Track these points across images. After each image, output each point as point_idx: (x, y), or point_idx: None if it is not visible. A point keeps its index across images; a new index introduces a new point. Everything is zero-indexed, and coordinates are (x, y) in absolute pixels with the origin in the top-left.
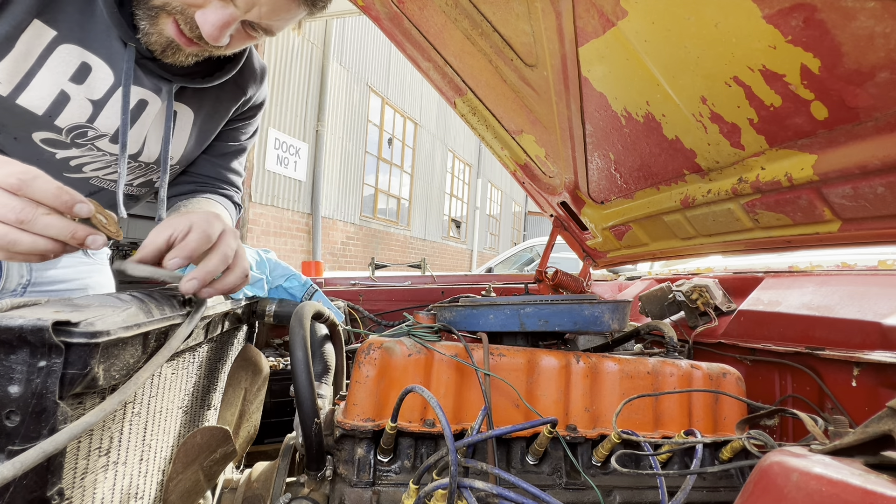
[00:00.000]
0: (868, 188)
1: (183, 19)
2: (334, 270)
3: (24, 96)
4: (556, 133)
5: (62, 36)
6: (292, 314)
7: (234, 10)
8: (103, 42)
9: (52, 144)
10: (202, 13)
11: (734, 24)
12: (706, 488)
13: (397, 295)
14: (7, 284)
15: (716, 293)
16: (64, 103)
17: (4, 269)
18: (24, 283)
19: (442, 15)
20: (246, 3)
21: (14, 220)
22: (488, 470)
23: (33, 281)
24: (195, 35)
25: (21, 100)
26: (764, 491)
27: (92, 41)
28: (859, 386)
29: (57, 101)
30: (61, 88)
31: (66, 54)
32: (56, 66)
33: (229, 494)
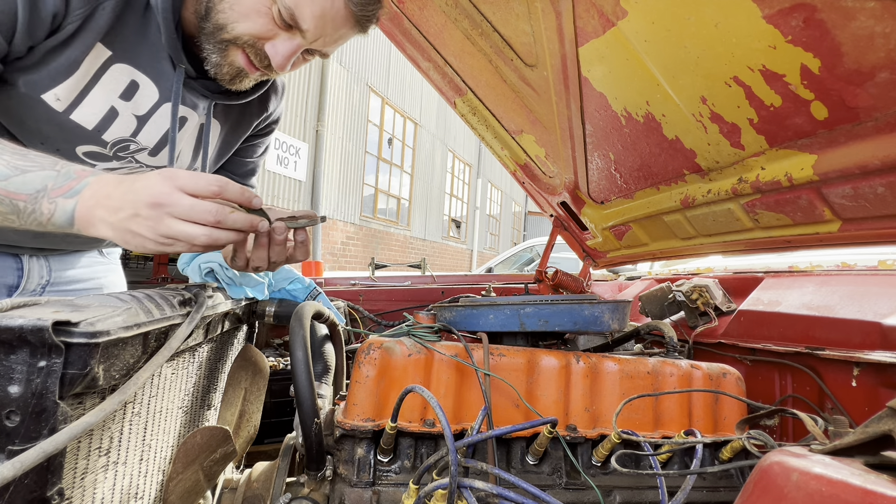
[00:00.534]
0: (868, 188)
1: (252, 51)
2: (334, 270)
3: (78, 112)
4: (556, 133)
5: (116, 56)
6: (292, 314)
7: (301, 41)
8: (151, 62)
9: (94, 157)
10: (272, 45)
11: (734, 24)
12: (706, 488)
13: (397, 295)
14: (28, 285)
15: (716, 293)
16: (112, 119)
17: (26, 271)
18: (44, 283)
19: (442, 15)
20: (313, 34)
21: (213, 221)
22: (488, 470)
23: (52, 281)
24: (263, 64)
25: (74, 115)
26: (764, 491)
27: (141, 61)
28: (859, 386)
29: (106, 116)
30: (112, 105)
31: (119, 73)
32: (108, 84)
33: (229, 494)
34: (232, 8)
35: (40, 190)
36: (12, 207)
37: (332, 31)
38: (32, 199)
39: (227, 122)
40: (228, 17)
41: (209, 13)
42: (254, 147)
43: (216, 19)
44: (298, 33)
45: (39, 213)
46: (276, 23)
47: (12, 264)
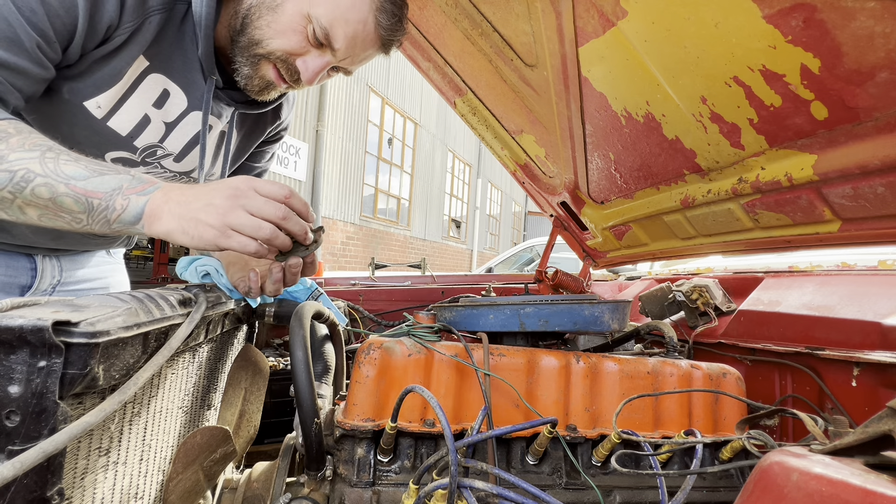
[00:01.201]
0: (868, 188)
1: (284, 66)
2: (334, 270)
3: (115, 119)
4: (556, 133)
5: (153, 66)
6: (292, 314)
7: (331, 59)
8: (183, 71)
9: (121, 163)
10: (303, 61)
11: (734, 24)
12: (706, 488)
13: (397, 295)
14: (41, 284)
15: (716, 293)
16: (145, 126)
17: (39, 271)
18: (55, 283)
19: (442, 15)
20: (344, 53)
21: (280, 217)
22: (488, 470)
23: (63, 280)
24: (293, 79)
25: (111, 122)
26: (764, 491)
27: (174, 70)
28: (859, 386)
29: (140, 123)
30: (145, 112)
31: (154, 82)
32: (144, 93)
33: (229, 494)
34: (269, 25)
35: (116, 189)
36: (86, 206)
37: (361, 52)
38: (108, 196)
39: (243, 128)
40: (265, 33)
41: (245, 28)
42: (263, 153)
43: (252, 35)
44: (329, 51)
45: (111, 210)
46: (310, 41)
47: (26, 264)
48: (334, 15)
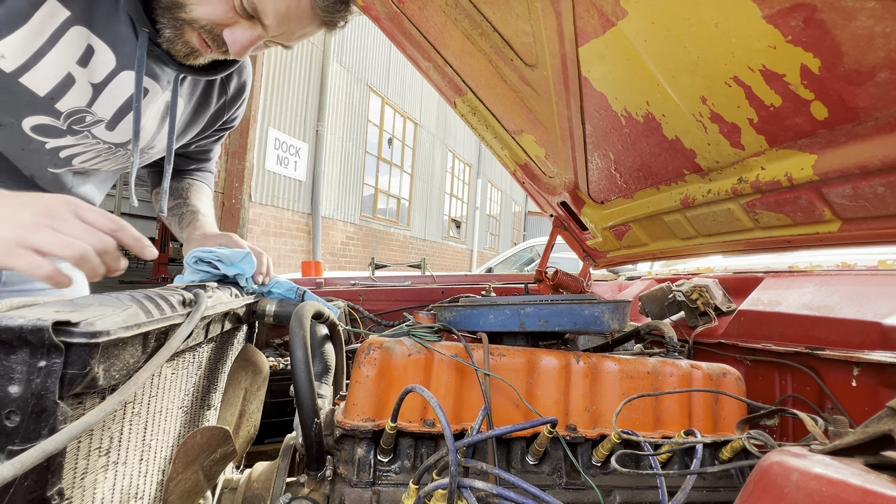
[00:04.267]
0: (868, 188)
1: (209, 36)
2: (334, 270)
3: (29, 76)
4: (556, 133)
5: (75, 17)
6: (292, 314)
7: (262, 32)
8: (108, 25)
9: (44, 132)
10: (230, 31)
11: (734, 24)
12: (706, 488)
13: (397, 295)
14: None
15: (716, 293)
16: (69, 86)
17: None
18: None
19: (442, 15)
20: (275, 29)
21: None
22: (488, 470)
23: (5, 280)
24: (220, 49)
25: (24, 79)
26: (764, 491)
27: (98, 24)
28: (859, 386)
29: (62, 83)
30: (68, 71)
31: (77, 36)
32: (66, 49)
33: (229, 494)
34: None
35: None
36: None
37: (297, 28)
38: None
39: (192, 99)
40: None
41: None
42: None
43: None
44: (259, 25)
45: None
46: (237, 10)
47: None
48: None
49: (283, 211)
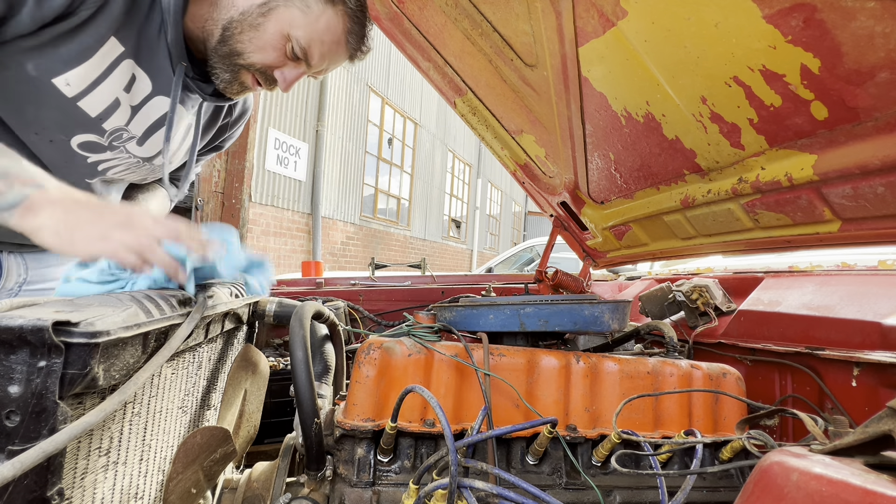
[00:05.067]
0: (868, 188)
1: (262, 76)
2: (334, 270)
3: (86, 100)
4: (556, 133)
5: (127, 52)
6: (292, 314)
7: (305, 70)
8: (150, 57)
9: (88, 148)
10: (281, 72)
11: (734, 24)
12: (706, 488)
13: (397, 295)
14: (6, 283)
15: (716, 293)
16: (115, 109)
17: (5, 269)
18: (21, 282)
19: (442, 15)
20: (318, 66)
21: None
22: (488, 470)
23: (29, 279)
24: (270, 86)
25: (81, 102)
26: (764, 491)
27: (142, 56)
28: (859, 386)
29: (110, 106)
30: (116, 96)
31: (126, 67)
32: (117, 78)
33: (229, 494)
34: (251, 41)
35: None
36: None
37: (331, 65)
38: None
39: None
40: (246, 47)
41: (227, 40)
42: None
43: (234, 47)
44: (304, 64)
45: None
46: (287, 56)
47: None
48: (312, 37)
49: (283, 211)
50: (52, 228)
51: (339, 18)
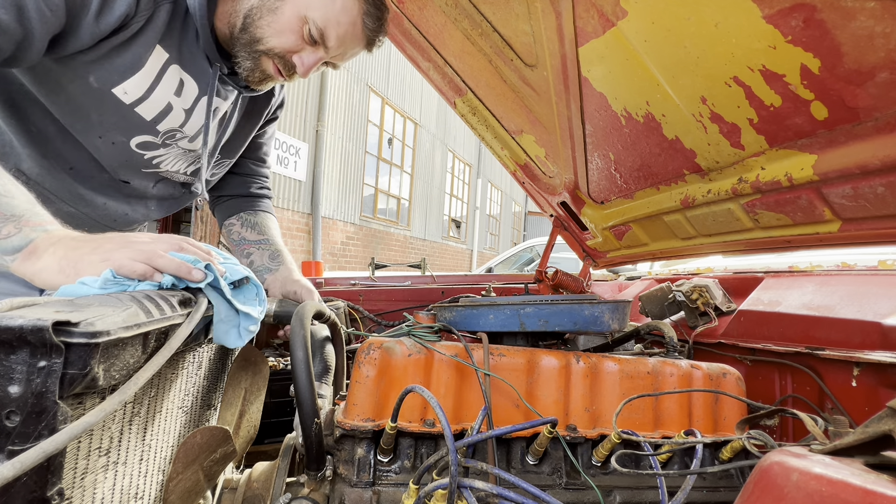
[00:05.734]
0: (868, 188)
1: (281, 62)
2: (334, 270)
3: (141, 106)
4: (556, 133)
5: (172, 58)
6: (293, 314)
7: (323, 54)
8: (192, 61)
9: (145, 147)
10: (299, 57)
11: (734, 25)
12: (706, 488)
13: (397, 295)
14: None
15: (716, 293)
16: (167, 113)
17: None
18: None
19: (442, 15)
20: (335, 50)
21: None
22: (488, 470)
23: None
24: (289, 73)
25: (138, 108)
26: (764, 491)
27: (185, 61)
28: (859, 386)
29: (163, 111)
30: (168, 101)
31: (174, 73)
32: (167, 84)
33: (229, 494)
34: (269, 25)
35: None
36: None
37: (349, 49)
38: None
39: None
40: (265, 32)
41: (247, 27)
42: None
43: (253, 33)
44: (322, 48)
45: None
46: (305, 39)
47: None
48: (328, 17)
49: (283, 211)
50: (55, 267)
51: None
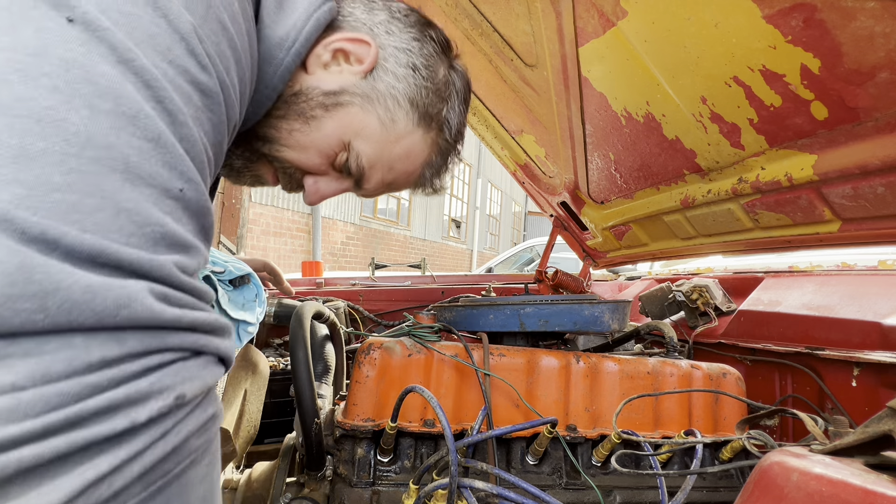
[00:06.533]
0: (868, 188)
1: (286, 177)
2: (334, 270)
3: None
4: (556, 133)
5: None
6: (292, 314)
7: (349, 187)
8: None
9: None
10: (314, 180)
11: (734, 25)
12: (706, 488)
13: (397, 295)
14: None
15: (716, 293)
16: None
17: None
18: None
19: (442, 15)
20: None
21: None
22: (488, 470)
23: None
24: (290, 189)
25: None
26: (764, 491)
27: None
28: (859, 386)
29: None
30: None
31: None
32: None
33: (229, 494)
34: (293, 133)
35: None
36: None
37: (387, 191)
38: None
39: None
40: (283, 137)
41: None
42: None
43: (266, 131)
44: (351, 183)
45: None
46: (333, 166)
47: None
48: (380, 158)
49: (283, 211)
50: None
51: (426, 147)
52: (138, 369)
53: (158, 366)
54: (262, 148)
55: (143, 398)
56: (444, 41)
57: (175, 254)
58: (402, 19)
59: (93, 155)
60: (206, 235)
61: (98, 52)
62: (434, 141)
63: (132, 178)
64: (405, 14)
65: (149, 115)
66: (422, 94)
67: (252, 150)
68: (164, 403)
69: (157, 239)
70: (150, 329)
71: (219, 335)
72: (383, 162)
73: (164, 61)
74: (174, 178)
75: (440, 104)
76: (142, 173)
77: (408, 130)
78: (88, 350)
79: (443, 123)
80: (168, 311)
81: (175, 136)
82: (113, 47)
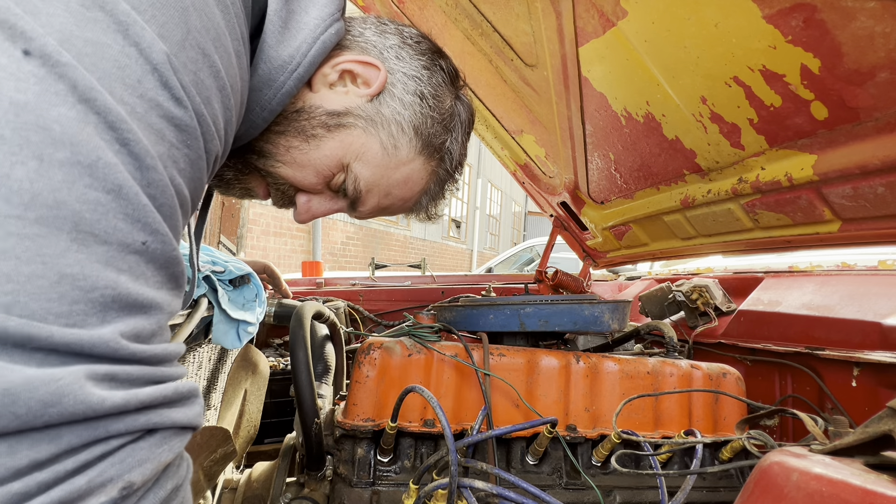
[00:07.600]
0: (868, 188)
1: (277, 193)
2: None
3: None
4: (556, 133)
5: None
6: (292, 314)
7: (342, 207)
8: None
9: None
10: (307, 198)
11: (734, 25)
12: (706, 488)
13: (397, 295)
14: None
15: (716, 293)
16: None
17: None
18: None
19: (442, 15)
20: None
21: None
22: (488, 470)
23: None
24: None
25: None
26: (764, 491)
27: None
28: (859, 386)
29: None
30: None
31: None
32: None
33: (229, 494)
34: (290, 150)
35: None
36: None
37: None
38: None
39: None
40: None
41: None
42: None
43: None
44: (345, 203)
45: None
46: (329, 185)
47: None
48: (378, 183)
49: (284, 211)
50: None
51: (425, 175)
52: (75, 466)
53: (101, 457)
54: (256, 162)
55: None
56: (452, 71)
57: (128, 317)
58: (414, 46)
59: (36, 215)
60: (177, 283)
61: (55, 90)
62: (434, 170)
63: (82, 237)
64: (416, 41)
65: (109, 163)
66: (427, 123)
67: (245, 163)
68: (106, 498)
69: (105, 304)
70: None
71: (179, 404)
72: (381, 187)
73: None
74: (135, 232)
75: (444, 135)
76: (95, 230)
77: (409, 158)
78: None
79: (445, 154)
80: (110, 399)
81: (141, 182)
82: (73, 85)
